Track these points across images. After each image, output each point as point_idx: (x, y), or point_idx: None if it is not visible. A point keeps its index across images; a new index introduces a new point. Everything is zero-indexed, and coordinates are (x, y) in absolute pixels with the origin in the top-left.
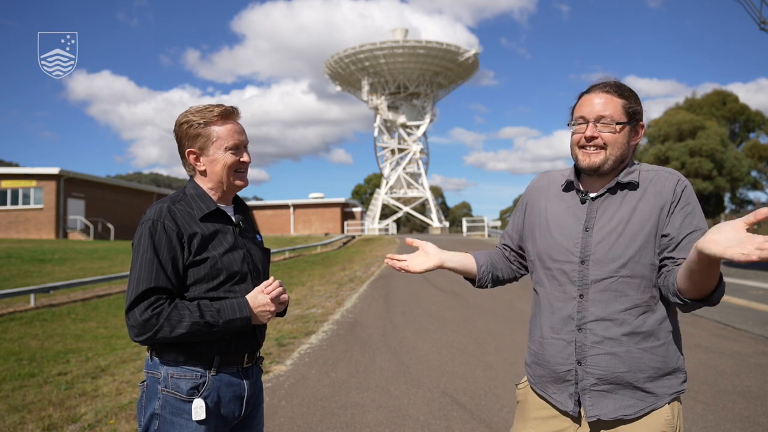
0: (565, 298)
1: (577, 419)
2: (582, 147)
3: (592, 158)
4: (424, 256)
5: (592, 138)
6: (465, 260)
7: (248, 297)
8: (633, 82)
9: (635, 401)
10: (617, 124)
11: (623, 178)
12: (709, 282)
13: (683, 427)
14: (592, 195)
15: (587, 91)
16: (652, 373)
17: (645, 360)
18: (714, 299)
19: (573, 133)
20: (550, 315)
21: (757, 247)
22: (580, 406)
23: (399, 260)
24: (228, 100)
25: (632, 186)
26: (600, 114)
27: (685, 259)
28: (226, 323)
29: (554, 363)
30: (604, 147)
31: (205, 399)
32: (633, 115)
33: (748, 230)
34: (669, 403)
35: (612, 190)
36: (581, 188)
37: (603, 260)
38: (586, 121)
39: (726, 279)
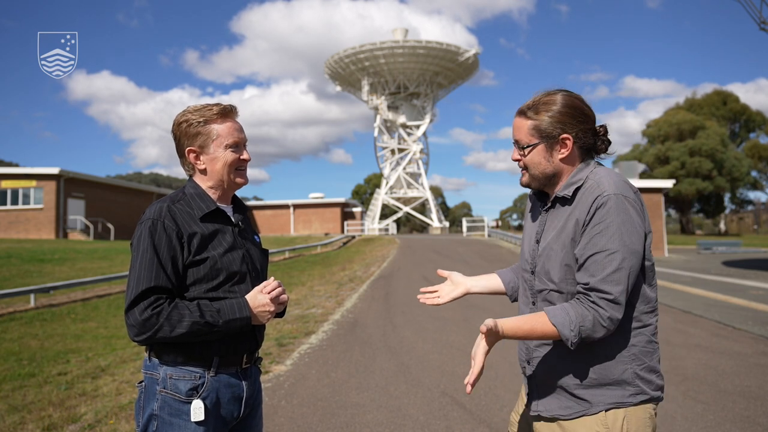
0: (526, 304)
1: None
2: None
3: (521, 179)
4: (452, 285)
5: (517, 161)
6: (490, 283)
7: (248, 297)
8: (632, 83)
9: (573, 404)
10: (525, 147)
11: (560, 192)
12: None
13: None
14: (545, 208)
15: None
16: (585, 381)
17: (576, 368)
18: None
19: None
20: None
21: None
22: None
23: (430, 294)
24: (228, 100)
25: (565, 200)
26: (514, 139)
27: (585, 283)
28: (226, 323)
29: (519, 360)
30: (526, 168)
31: (204, 400)
32: (543, 134)
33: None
34: (606, 411)
35: (553, 203)
36: (541, 201)
37: (540, 273)
38: (515, 144)
39: (726, 279)
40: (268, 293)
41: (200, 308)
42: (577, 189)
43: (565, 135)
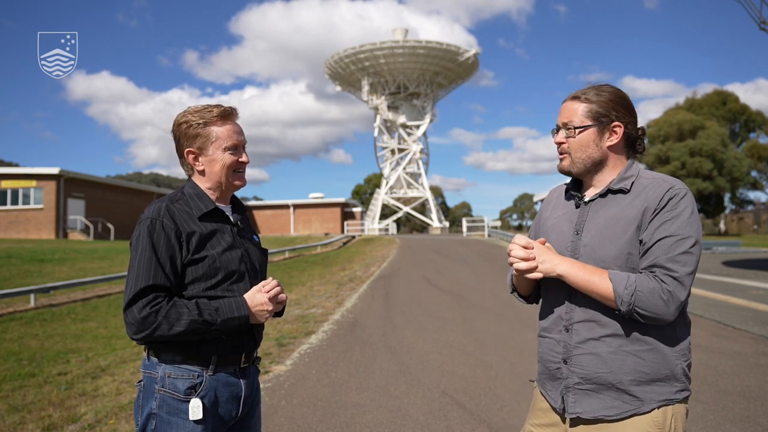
0: (558, 300)
1: (563, 416)
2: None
3: (561, 163)
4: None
5: (560, 144)
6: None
7: (246, 296)
8: (631, 83)
9: (619, 403)
10: (576, 128)
11: (615, 185)
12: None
13: None
14: (586, 199)
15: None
16: (637, 376)
17: (629, 363)
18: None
19: None
20: (547, 315)
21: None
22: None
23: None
24: (227, 100)
25: (623, 192)
26: (563, 121)
27: (650, 264)
28: (224, 322)
29: (546, 360)
30: (568, 152)
31: (202, 399)
32: (598, 117)
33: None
34: (659, 408)
35: (603, 195)
36: (578, 194)
37: (588, 262)
38: (558, 129)
39: (726, 279)
40: (267, 292)
41: (198, 307)
42: (633, 183)
43: (617, 123)
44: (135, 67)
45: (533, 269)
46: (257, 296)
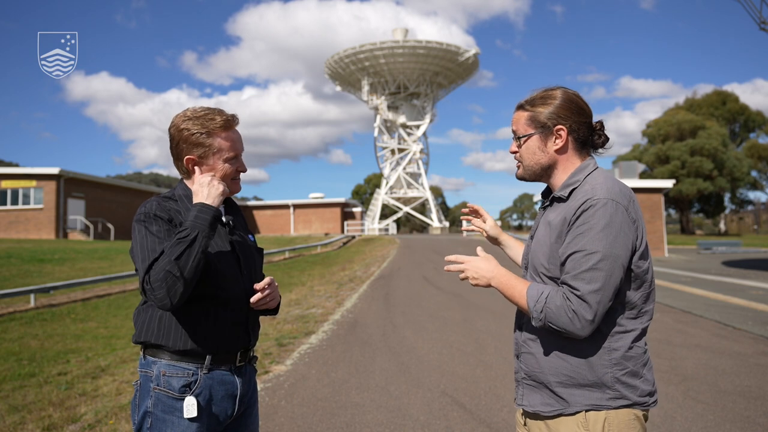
0: None
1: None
2: None
3: (517, 171)
4: (493, 227)
5: (513, 153)
6: (514, 251)
7: (193, 188)
8: (628, 83)
9: (552, 401)
10: (521, 137)
11: (557, 192)
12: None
13: None
14: (543, 206)
15: None
16: (563, 379)
17: (555, 365)
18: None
19: None
20: (516, 314)
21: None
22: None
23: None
24: (226, 101)
25: (561, 200)
26: (513, 131)
27: (562, 283)
28: (193, 222)
29: (513, 357)
30: (521, 160)
31: (197, 397)
32: (540, 123)
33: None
34: (586, 411)
35: (552, 202)
36: (544, 199)
37: (531, 268)
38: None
39: (726, 279)
40: (260, 289)
41: (177, 238)
42: (573, 190)
43: (559, 126)
44: (134, 68)
45: (463, 278)
46: (200, 180)
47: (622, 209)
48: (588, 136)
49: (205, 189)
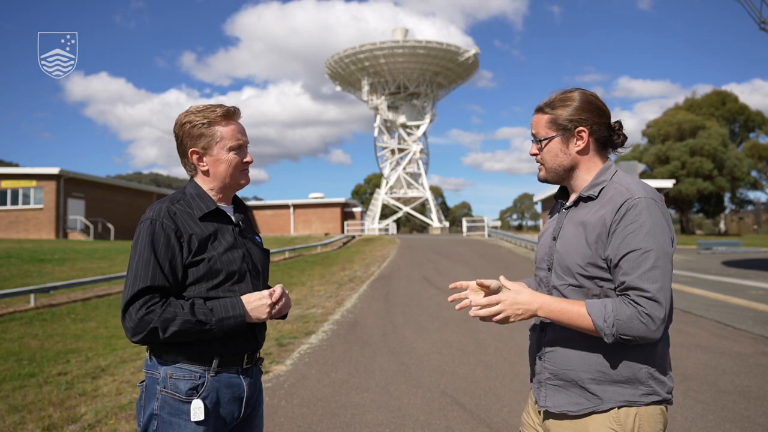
0: None
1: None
2: None
3: (539, 174)
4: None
5: (534, 156)
6: None
7: (243, 296)
8: (627, 83)
9: (582, 400)
10: (542, 140)
11: (585, 191)
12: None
13: None
14: (567, 205)
15: None
16: (597, 376)
17: (590, 362)
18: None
19: None
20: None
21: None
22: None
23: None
24: (225, 101)
25: (590, 199)
26: (533, 134)
27: (621, 283)
28: (218, 321)
29: (530, 357)
30: (543, 162)
31: (204, 400)
32: (561, 126)
33: None
34: (619, 408)
35: (576, 202)
36: (562, 200)
37: (557, 268)
38: (533, 141)
39: (726, 279)
40: (270, 296)
41: (192, 307)
42: (602, 189)
43: (580, 128)
44: (133, 69)
45: (501, 320)
46: (254, 295)
47: (663, 207)
48: (608, 137)
49: (256, 303)
